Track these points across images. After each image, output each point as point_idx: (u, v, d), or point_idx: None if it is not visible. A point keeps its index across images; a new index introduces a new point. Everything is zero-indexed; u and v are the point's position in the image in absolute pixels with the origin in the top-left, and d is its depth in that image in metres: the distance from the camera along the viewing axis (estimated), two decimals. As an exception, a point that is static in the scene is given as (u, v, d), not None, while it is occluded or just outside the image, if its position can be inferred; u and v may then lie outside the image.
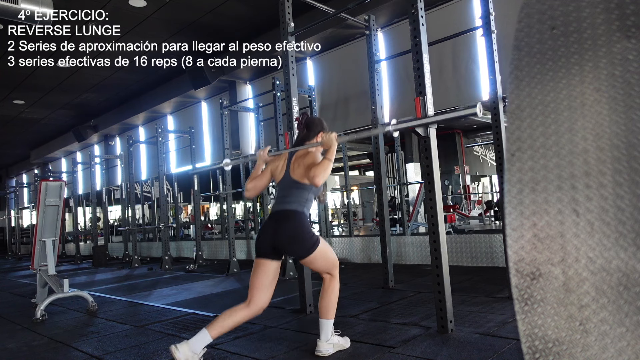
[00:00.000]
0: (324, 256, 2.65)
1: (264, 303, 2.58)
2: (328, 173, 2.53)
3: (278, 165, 2.78)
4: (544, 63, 0.59)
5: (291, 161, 2.73)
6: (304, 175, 2.62)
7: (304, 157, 2.69)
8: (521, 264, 0.56)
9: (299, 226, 2.56)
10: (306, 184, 2.63)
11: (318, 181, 2.48)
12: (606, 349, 0.52)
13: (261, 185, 2.80)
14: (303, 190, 2.64)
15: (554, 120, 0.57)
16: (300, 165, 2.65)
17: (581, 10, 0.57)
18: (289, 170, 2.70)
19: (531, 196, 0.57)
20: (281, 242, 2.55)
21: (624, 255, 0.52)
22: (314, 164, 2.57)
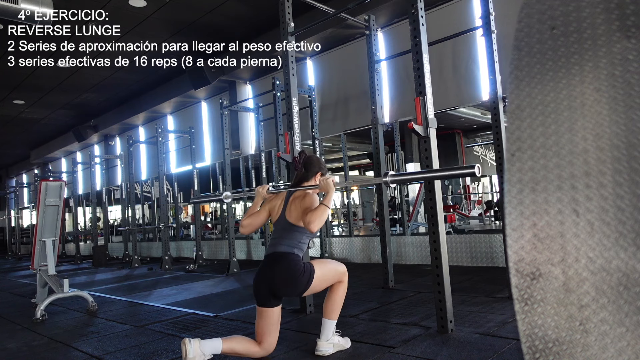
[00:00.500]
0: (324, 279, 2.64)
1: (272, 346, 2.54)
2: (324, 219, 2.49)
3: (275, 204, 2.73)
4: (544, 63, 0.59)
5: (288, 202, 2.68)
6: (299, 218, 2.57)
7: (302, 199, 2.63)
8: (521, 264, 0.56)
9: (290, 268, 2.50)
10: (301, 226, 2.57)
11: (313, 227, 2.44)
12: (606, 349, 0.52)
13: (257, 222, 2.74)
14: (297, 233, 2.59)
15: (554, 120, 0.57)
16: (297, 207, 2.60)
17: (581, 10, 0.57)
18: (285, 212, 2.65)
19: (531, 196, 0.57)
20: (276, 288, 2.49)
21: (624, 255, 0.52)
22: (310, 208, 2.52)
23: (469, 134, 15.01)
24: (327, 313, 2.71)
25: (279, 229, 2.65)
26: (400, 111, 6.90)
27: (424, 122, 3.06)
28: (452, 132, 14.24)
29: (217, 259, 9.21)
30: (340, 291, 2.73)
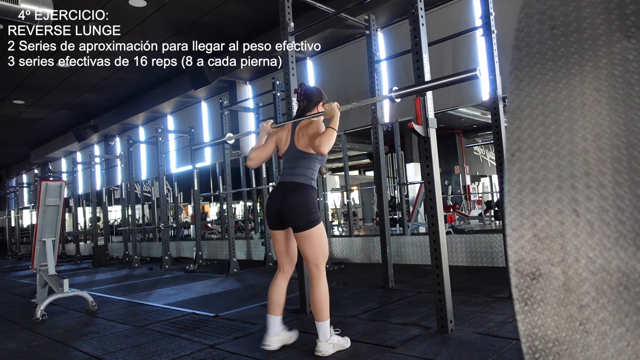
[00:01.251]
0: (319, 239, 2.67)
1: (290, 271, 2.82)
2: (333, 141, 2.59)
3: (282, 136, 2.84)
4: (544, 63, 0.59)
5: (295, 132, 2.78)
6: (308, 144, 2.67)
7: (308, 127, 2.73)
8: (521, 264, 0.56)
9: (306, 198, 2.63)
10: (311, 153, 2.69)
11: (324, 149, 2.54)
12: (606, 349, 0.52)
13: (265, 154, 2.86)
14: (309, 160, 2.70)
15: (554, 120, 0.57)
16: (305, 135, 2.71)
17: (581, 10, 0.57)
18: (294, 141, 2.75)
19: (531, 196, 0.57)
20: (286, 212, 2.63)
21: (624, 255, 0.52)
22: (318, 133, 2.62)
23: (469, 134, 15.01)
24: (316, 315, 2.69)
25: (290, 158, 2.75)
26: (400, 111, 6.90)
27: (424, 122, 3.07)
28: (452, 132, 14.24)
29: (217, 259, 9.21)
30: (322, 289, 2.68)
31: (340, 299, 4.37)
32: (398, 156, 8.75)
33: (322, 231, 2.69)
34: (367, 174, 17.52)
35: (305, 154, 2.71)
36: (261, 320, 3.62)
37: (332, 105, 2.69)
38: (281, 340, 2.85)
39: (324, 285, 2.69)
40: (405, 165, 11.80)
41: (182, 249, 10.37)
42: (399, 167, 9.25)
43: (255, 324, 3.56)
